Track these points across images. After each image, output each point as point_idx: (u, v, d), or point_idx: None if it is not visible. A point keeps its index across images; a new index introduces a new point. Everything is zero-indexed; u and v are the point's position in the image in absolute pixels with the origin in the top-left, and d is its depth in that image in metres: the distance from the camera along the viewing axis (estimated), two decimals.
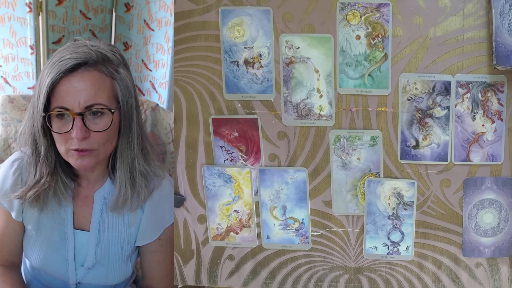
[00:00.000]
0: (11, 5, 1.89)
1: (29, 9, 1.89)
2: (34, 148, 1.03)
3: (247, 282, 1.25)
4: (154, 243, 1.14)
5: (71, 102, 0.96)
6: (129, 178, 1.06)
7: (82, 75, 0.97)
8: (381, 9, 1.11)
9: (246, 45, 1.15)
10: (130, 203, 1.06)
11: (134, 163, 1.06)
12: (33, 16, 1.90)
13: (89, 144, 0.98)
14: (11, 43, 1.95)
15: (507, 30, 1.07)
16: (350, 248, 1.22)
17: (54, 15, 1.96)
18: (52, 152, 1.03)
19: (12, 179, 1.08)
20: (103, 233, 1.09)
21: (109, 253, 1.10)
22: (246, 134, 1.18)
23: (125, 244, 1.11)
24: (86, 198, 1.10)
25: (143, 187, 1.07)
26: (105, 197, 1.09)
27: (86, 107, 0.97)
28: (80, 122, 0.96)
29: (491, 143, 1.14)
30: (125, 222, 1.10)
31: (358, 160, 1.17)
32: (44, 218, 1.09)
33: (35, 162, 1.04)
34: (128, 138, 1.05)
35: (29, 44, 1.94)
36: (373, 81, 1.13)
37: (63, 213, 1.08)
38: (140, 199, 1.07)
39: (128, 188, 1.05)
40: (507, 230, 1.18)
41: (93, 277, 1.10)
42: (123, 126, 1.04)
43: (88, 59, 0.98)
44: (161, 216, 1.14)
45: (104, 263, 1.10)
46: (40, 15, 1.92)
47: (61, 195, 1.05)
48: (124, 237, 1.11)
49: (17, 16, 1.91)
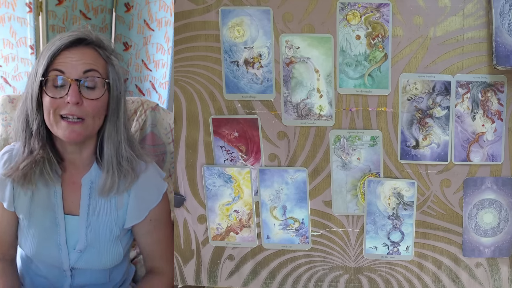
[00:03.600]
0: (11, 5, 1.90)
1: (29, 9, 1.89)
2: (25, 126, 1.08)
3: (247, 282, 1.26)
4: (146, 225, 1.16)
5: (69, 68, 1.03)
6: (116, 163, 1.10)
7: (82, 50, 1.06)
8: (381, 9, 1.11)
9: (246, 45, 1.15)
10: (117, 187, 1.10)
11: (120, 148, 1.11)
12: (33, 16, 1.90)
13: (80, 111, 1.03)
14: (11, 43, 1.95)
15: (507, 30, 1.07)
16: (350, 248, 1.22)
17: (54, 15, 1.96)
18: (43, 128, 1.08)
19: (2, 169, 1.12)
20: (92, 216, 1.13)
21: (99, 235, 1.13)
22: (246, 134, 1.18)
23: (114, 226, 1.14)
24: (74, 184, 1.13)
25: (129, 171, 1.11)
26: (92, 182, 1.12)
27: (84, 72, 1.04)
28: (76, 87, 1.02)
29: (491, 143, 1.14)
30: (112, 205, 1.14)
31: (358, 160, 1.17)
32: (35, 206, 1.12)
33: (24, 140, 1.09)
34: (115, 123, 1.10)
35: (29, 44, 1.94)
36: (373, 81, 1.13)
37: (53, 199, 1.12)
38: (126, 182, 1.11)
39: (115, 173, 1.10)
40: (507, 230, 1.18)
41: (86, 260, 1.13)
42: (111, 110, 1.09)
43: (87, 37, 1.08)
44: (147, 198, 1.16)
45: (95, 245, 1.13)
46: (40, 15, 1.92)
47: (47, 175, 1.09)
48: (112, 220, 1.14)
49: (17, 16, 1.91)
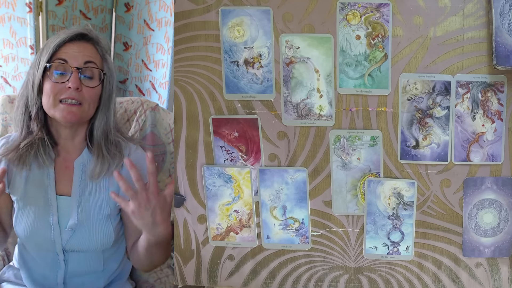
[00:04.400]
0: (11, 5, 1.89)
1: (29, 9, 1.89)
2: (24, 110, 1.18)
3: (247, 282, 1.26)
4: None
5: (72, 58, 1.14)
6: (104, 148, 1.19)
7: (83, 44, 1.18)
8: (381, 9, 1.11)
9: (246, 45, 1.15)
10: (106, 170, 1.18)
11: (109, 135, 1.21)
12: (33, 16, 1.90)
13: (79, 96, 1.13)
14: (11, 43, 1.95)
15: (507, 30, 1.07)
16: (350, 248, 1.22)
17: (54, 15, 1.96)
18: (42, 113, 1.17)
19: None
20: (83, 196, 1.18)
21: (90, 214, 1.18)
22: (246, 134, 1.18)
23: (104, 205, 1.19)
24: (66, 168, 1.20)
25: (117, 154, 1.20)
26: (84, 165, 1.20)
27: (84, 62, 1.14)
28: (77, 74, 1.13)
29: (491, 143, 1.14)
30: (103, 186, 1.20)
31: (358, 160, 1.17)
32: (30, 187, 1.18)
33: (23, 123, 1.18)
34: (105, 113, 1.20)
35: (29, 44, 1.93)
36: (373, 81, 1.13)
37: (45, 180, 1.18)
38: (115, 163, 1.19)
39: (105, 157, 1.18)
40: (507, 230, 1.18)
41: (77, 239, 1.17)
42: (103, 101, 1.19)
43: (89, 33, 1.19)
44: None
45: (85, 224, 1.17)
46: (40, 15, 1.92)
47: (41, 157, 1.17)
48: (103, 199, 1.19)
49: (17, 16, 1.90)
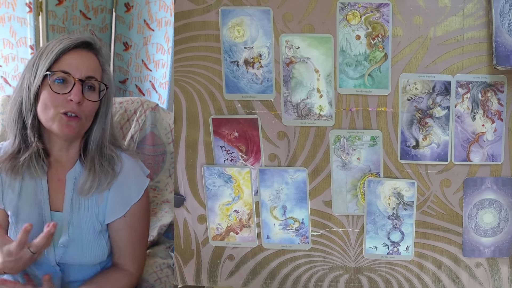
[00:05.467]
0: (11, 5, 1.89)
1: (29, 9, 1.89)
2: (17, 117, 1.12)
3: (247, 282, 1.26)
4: (119, 221, 1.18)
5: (74, 69, 1.09)
6: (97, 163, 1.15)
7: (87, 53, 1.13)
8: (381, 9, 1.11)
9: (246, 45, 1.15)
10: (96, 186, 1.14)
11: (103, 149, 1.17)
12: (33, 16, 1.90)
13: (80, 110, 1.09)
14: (11, 43, 1.95)
15: (507, 30, 1.07)
16: (350, 248, 1.22)
17: (54, 15, 1.96)
18: (37, 121, 1.12)
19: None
20: (74, 212, 1.15)
21: (81, 230, 1.15)
22: (246, 134, 1.18)
23: (95, 221, 1.16)
24: (59, 180, 1.16)
25: (109, 171, 1.16)
26: (76, 177, 1.16)
27: (86, 77, 1.10)
28: (80, 87, 1.09)
29: (491, 143, 1.14)
30: (93, 201, 1.16)
31: (358, 160, 1.17)
32: (22, 203, 1.14)
33: (16, 132, 1.13)
34: (102, 126, 1.17)
35: (29, 44, 1.94)
36: (373, 81, 1.13)
37: (39, 195, 1.14)
38: (106, 182, 1.15)
39: (96, 172, 1.15)
40: (507, 230, 1.18)
41: (71, 255, 1.15)
42: (101, 113, 1.16)
43: (92, 42, 1.15)
44: (127, 193, 1.17)
45: (78, 240, 1.15)
46: (40, 15, 1.92)
47: (33, 168, 1.13)
48: (93, 215, 1.16)
49: (17, 16, 1.90)
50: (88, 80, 1.10)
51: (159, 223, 1.52)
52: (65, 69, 1.09)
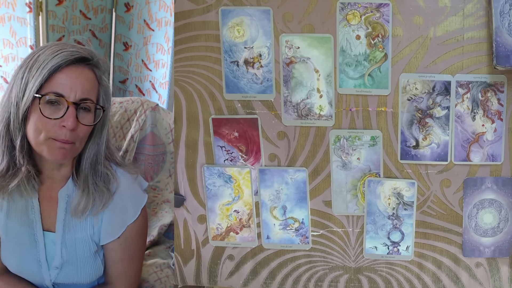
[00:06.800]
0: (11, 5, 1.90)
1: (29, 9, 1.89)
2: (5, 134, 1.02)
3: (247, 282, 1.25)
4: (113, 241, 1.13)
5: (68, 91, 0.98)
6: (91, 182, 1.07)
7: (83, 70, 1.02)
8: (381, 9, 1.11)
9: (246, 45, 1.15)
10: (91, 208, 1.07)
11: (98, 167, 1.08)
12: (33, 16, 1.90)
13: (74, 136, 1.00)
14: (11, 43, 1.95)
15: (507, 30, 1.07)
16: (350, 248, 1.22)
17: (54, 15, 1.96)
18: (26, 142, 1.02)
19: None
20: (67, 233, 1.09)
21: (76, 252, 1.10)
22: (246, 134, 1.18)
23: (91, 242, 1.11)
24: (50, 198, 1.10)
25: (104, 191, 1.08)
26: (69, 195, 1.09)
27: (80, 100, 1.00)
28: (74, 112, 0.98)
29: (491, 143, 1.14)
30: (88, 223, 1.10)
31: (358, 160, 1.17)
32: (11, 222, 1.08)
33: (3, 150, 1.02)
34: (97, 145, 1.08)
35: (29, 44, 1.94)
36: (373, 81, 1.13)
37: (30, 215, 1.08)
38: (101, 204, 1.08)
39: (90, 193, 1.07)
40: (507, 230, 1.18)
41: (65, 276, 1.11)
42: (96, 132, 1.07)
43: (89, 57, 1.04)
44: (123, 215, 1.12)
45: (72, 261, 1.10)
46: (40, 15, 1.92)
47: (23, 187, 1.04)
48: (88, 236, 1.10)
49: (17, 16, 1.91)
50: (83, 102, 1.00)
51: (159, 223, 1.52)
52: (58, 90, 0.98)
